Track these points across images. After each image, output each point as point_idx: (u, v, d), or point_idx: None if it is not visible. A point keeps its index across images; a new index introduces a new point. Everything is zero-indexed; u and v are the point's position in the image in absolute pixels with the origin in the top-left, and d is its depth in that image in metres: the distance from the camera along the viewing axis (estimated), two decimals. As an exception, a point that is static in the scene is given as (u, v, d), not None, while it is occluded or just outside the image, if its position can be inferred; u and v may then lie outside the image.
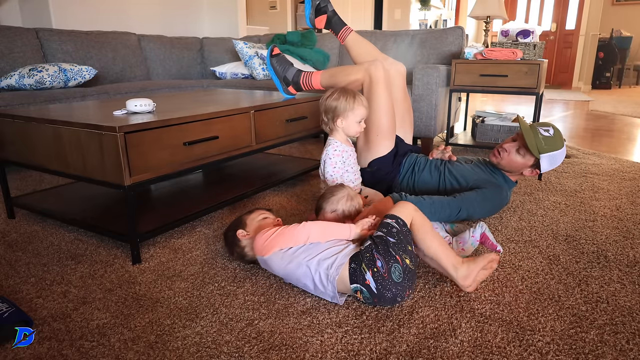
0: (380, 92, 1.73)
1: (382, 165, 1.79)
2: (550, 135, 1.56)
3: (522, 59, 2.51)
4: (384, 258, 1.07)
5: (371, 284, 1.06)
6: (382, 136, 1.76)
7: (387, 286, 1.06)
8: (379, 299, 1.08)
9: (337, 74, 1.85)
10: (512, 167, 1.64)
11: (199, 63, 4.08)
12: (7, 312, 1.02)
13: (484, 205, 1.56)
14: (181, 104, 1.77)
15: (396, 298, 1.08)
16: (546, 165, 1.58)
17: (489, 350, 0.96)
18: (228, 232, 1.35)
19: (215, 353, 0.96)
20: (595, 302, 1.14)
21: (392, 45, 3.29)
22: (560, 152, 1.56)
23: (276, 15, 6.74)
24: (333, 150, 1.62)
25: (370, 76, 1.73)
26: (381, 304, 1.11)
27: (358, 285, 1.08)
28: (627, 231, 1.59)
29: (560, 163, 1.60)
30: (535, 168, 1.62)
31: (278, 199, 1.96)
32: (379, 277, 1.06)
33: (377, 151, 1.79)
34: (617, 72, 8.24)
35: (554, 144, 1.55)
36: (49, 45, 3.06)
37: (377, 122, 1.75)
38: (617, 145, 3.19)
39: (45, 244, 1.51)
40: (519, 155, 1.60)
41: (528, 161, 1.60)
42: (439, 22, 7.77)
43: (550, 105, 5.72)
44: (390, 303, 1.10)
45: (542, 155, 1.55)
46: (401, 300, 1.11)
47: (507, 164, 1.63)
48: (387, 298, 1.07)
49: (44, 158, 1.48)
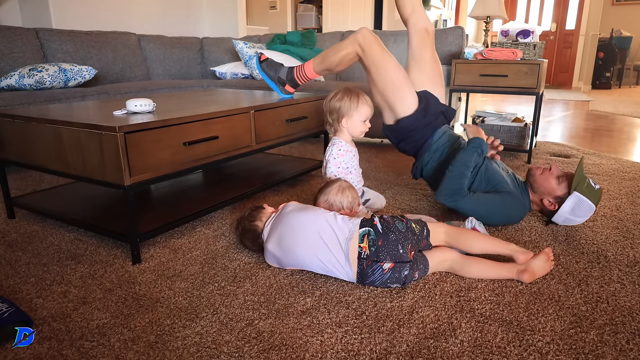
0: (378, 52, 1.70)
1: (411, 124, 1.73)
2: (594, 187, 1.51)
3: (522, 59, 2.51)
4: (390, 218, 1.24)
5: (378, 225, 1.20)
6: (400, 91, 1.72)
7: (392, 229, 1.19)
8: (383, 240, 1.16)
9: (327, 55, 1.83)
10: (541, 186, 1.57)
11: (199, 63, 4.08)
12: (7, 312, 1.02)
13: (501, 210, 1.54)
14: (181, 104, 1.77)
15: (398, 245, 1.16)
16: (568, 207, 1.50)
17: (489, 350, 0.96)
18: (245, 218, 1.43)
19: (215, 353, 0.95)
20: (595, 302, 1.14)
21: (392, 45, 3.29)
22: (589, 205, 1.48)
23: (276, 15, 6.74)
24: (338, 150, 1.63)
25: (360, 45, 1.72)
26: (384, 250, 1.16)
27: (366, 229, 1.19)
28: (627, 231, 1.59)
29: (578, 220, 1.53)
30: (557, 202, 1.54)
31: (278, 199, 1.96)
32: (384, 223, 1.21)
33: (402, 108, 1.73)
34: (617, 72, 8.24)
35: (591, 195, 1.49)
36: (49, 45, 3.06)
37: (388, 79, 1.71)
38: (617, 145, 3.19)
39: (45, 244, 1.51)
40: (557, 181, 1.55)
41: (559, 190, 1.54)
42: (439, 22, 7.76)
43: (550, 105, 5.72)
44: (393, 251, 1.16)
45: (575, 192, 1.49)
46: (403, 252, 1.17)
47: (540, 180, 1.58)
48: (391, 240, 1.17)
49: (44, 158, 1.48)
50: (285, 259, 1.27)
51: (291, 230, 1.26)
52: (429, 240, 1.26)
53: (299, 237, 1.24)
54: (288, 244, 1.25)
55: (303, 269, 1.30)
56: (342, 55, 1.77)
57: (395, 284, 1.18)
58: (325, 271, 1.22)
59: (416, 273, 1.21)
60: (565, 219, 1.53)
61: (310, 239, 1.22)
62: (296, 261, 1.25)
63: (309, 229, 1.24)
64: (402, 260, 1.17)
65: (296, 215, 1.29)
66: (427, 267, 1.24)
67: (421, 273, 1.22)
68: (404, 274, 1.17)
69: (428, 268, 1.24)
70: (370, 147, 3.11)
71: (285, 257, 1.26)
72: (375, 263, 1.16)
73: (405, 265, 1.17)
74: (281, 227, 1.29)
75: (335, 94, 1.62)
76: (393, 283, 1.18)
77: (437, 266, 1.27)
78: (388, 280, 1.17)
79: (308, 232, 1.23)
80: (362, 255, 1.17)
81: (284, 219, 1.30)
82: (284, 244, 1.26)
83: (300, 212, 1.30)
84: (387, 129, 1.84)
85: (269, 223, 1.35)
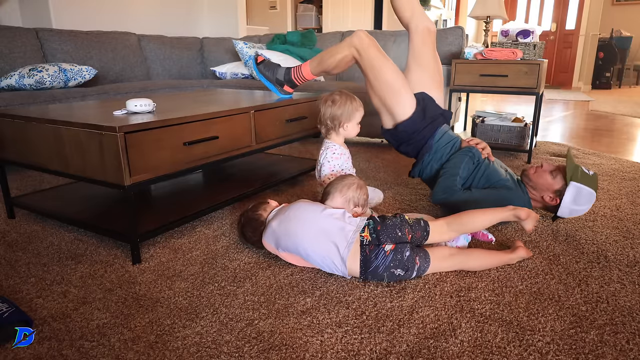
0: (375, 55, 1.70)
1: (410, 127, 1.74)
2: (589, 173, 1.52)
3: (522, 59, 2.51)
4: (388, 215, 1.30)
5: (376, 216, 1.28)
6: (398, 94, 1.72)
7: (388, 217, 1.26)
8: (382, 226, 1.22)
9: (324, 58, 1.83)
10: (538, 184, 1.59)
11: (199, 63, 4.08)
12: (7, 312, 1.02)
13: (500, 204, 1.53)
14: (181, 104, 1.77)
15: (396, 229, 1.22)
16: (569, 198, 1.50)
17: (489, 350, 0.96)
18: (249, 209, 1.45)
19: (215, 353, 0.96)
20: (595, 302, 1.14)
21: (392, 46, 3.29)
22: (589, 192, 1.48)
23: (276, 15, 6.74)
24: (332, 153, 1.65)
25: (356, 48, 1.72)
26: (384, 233, 1.21)
27: (366, 222, 1.24)
28: (627, 231, 1.59)
29: (582, 209, 1.52)
30: (558, 196, 1.55)
31: (278, 199, 1.96)
32: (380, 216, 1.29)
33: (400, 111, 1.74)
34: (617, 72, 8.24)
35: (587, 181, 1.49)
36: (49, 45, 3.06)
37: (386, 83, 1.71)
38: (617, 145, 3.19)
39: (45, 244, 1.51)
40: (551, 175, 1.56)
41: (555, 184, 1.55)
42: (439, 22, 7.76)
43: (550, 105, 5.72)
44: (392, 234, 1.21)
45: (572, 183, 1.49)
46: (401, 235, 1.22)
47: (535, 178, 1.59)
48: (388, 225, 1.23)
49: (44, 158, 1.48)
50: (283, 240, 1.28)
51: (298, 216, 1.30)
52: (425, 232, 1.27)
53: (305, 222, 1.27)
54: (291, 225, 1.28)
55: (298, 264, 1.30)
56: (339, 59, 1.77)
57: (398, 268, 1.19)
58: (321, 260, 1.22)
59: (417, 258, 1.21)
60: (570, 211, 1.53)
61: (314, 226, 1.25)
62: (294, 244, 1.26)
63: (317, 217, 1.27)
64: (402, 241, 1.21)
65: (306, 205, 1.34)
66: (427, 256, 1.24)
67: (422, 261, 1.22)
68: (405, 255, 1.19)
69: (429, 259, 1.24)
70: (370, 147, 3.11)
71: (284, 237, 1.28)
72: (377, 247, 1.20)
73: (405, 246, 1.21)
74: (289, 211, 1.32)
75: (333, 102, 1.62)
76: (397, 268, 1.19)
77: (439, 263, 1.26)
78: (391, 264, 1.18)
79: (315, 220, 1.27)
80: (364, 243, 1.20)
81: (293, 206, 1.35)
82: (288, 225, 1.29)
83: (310, 204, 1.35)
84: (386, 133, 1.84)
85: (273, 212, 1.39)
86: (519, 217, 1.30)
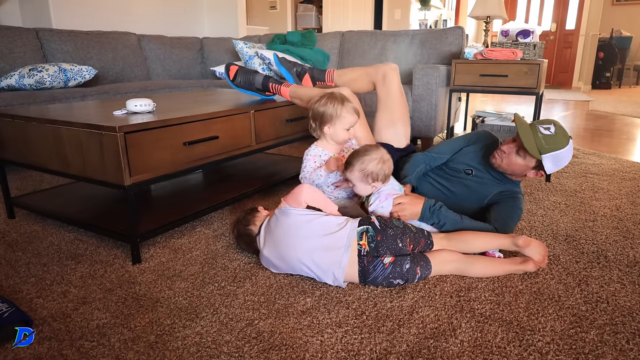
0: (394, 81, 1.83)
1: None
2: (551, 133, 1.40)
3: (522, 59, 2.51)
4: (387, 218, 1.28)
5: (375, 222, 1.23)
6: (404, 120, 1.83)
7: (390, 225, 1.22)
8: (382, 236, 1.19)
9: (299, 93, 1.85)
10: (514, 170, 1.49)
11: (199, 63, 4.08)
12: (7, 312, 1.02)
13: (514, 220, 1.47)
14: (181, 104, 1.77)
15: (397, 240, 1.19)
16: (550, 166, 1.42)
17: (489, 350, 0.96)
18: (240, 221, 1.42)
19: (215, 353, 0.95)
20: (595, 302, 1.14)
21: (392, 46, 3.29)
22: (565, 150, 1.39)
23: (276, 15, 6.74)
24: (306, 154, 1.60)
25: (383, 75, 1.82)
26: (384, 245, 1.18)
27: (364, 227, 1.21)
28: (627, 231, 1.59)
29: (567, 162, 1.43)
30: (538, 170, 1.47)
31: (278, 198, 1.96)
32: (382, 220, 1.24)
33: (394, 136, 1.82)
34: (617, 72, 8.24)
35: (556, 143, 1.39)
36: (49, 45, 3.06)
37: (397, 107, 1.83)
38: (617, 145, 3.19)
39: (45, 244, 1.51)
40: (519, 157, 1.45)
41: (529, 163, 1.45)
42: (439, 22, 7.76)
43: (550, 105, 5.72)
44: (392, 245, 1.19)
45: (544, 155, 1.40)
46: (402, 246, 1.20)
47: (508, 166, 1.49)
48: (389, 235, 1.19)
49: (44, 158, 1.48)
50: (280, 264, 1.26)
51: (286, 241, 1.24)
52: (429, 240, 1.26)
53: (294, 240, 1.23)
54: (283, 249, 1.24)
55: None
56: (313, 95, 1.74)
57: (398, 279, 1.18)
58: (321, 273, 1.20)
59: (418, 268, 1.20)
60: (557, 169, 1.47)
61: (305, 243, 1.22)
62: (292, 268, 1.25)
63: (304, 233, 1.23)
64: (402, 253, 1.19)
65: (292, 219, 1.27)
66: (429, 264, 1.23)
67: (423, 270, 1.22)
68: (405, 267, 1.17)
69: (430, 266, 1.23)
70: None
71: (279, 261, 1.26)
72: (375, 259, 1.17)
73: (405, 259, 1.18)
74: (277, 233, 1.27)
75: (320, 99, 1.53)
76: (396, 279, 1.18)
77: (440, 267, 1.26)
78: (390, 275, 1.17)
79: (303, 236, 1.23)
80: (362, 253, 1.18)
81: (279, 224, 1.28)
82: (279, 250, 1.25)
83: (295, 216, 1.27)
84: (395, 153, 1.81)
85: (263, 227, 1.34)
86: (517, 244, 1.26)
